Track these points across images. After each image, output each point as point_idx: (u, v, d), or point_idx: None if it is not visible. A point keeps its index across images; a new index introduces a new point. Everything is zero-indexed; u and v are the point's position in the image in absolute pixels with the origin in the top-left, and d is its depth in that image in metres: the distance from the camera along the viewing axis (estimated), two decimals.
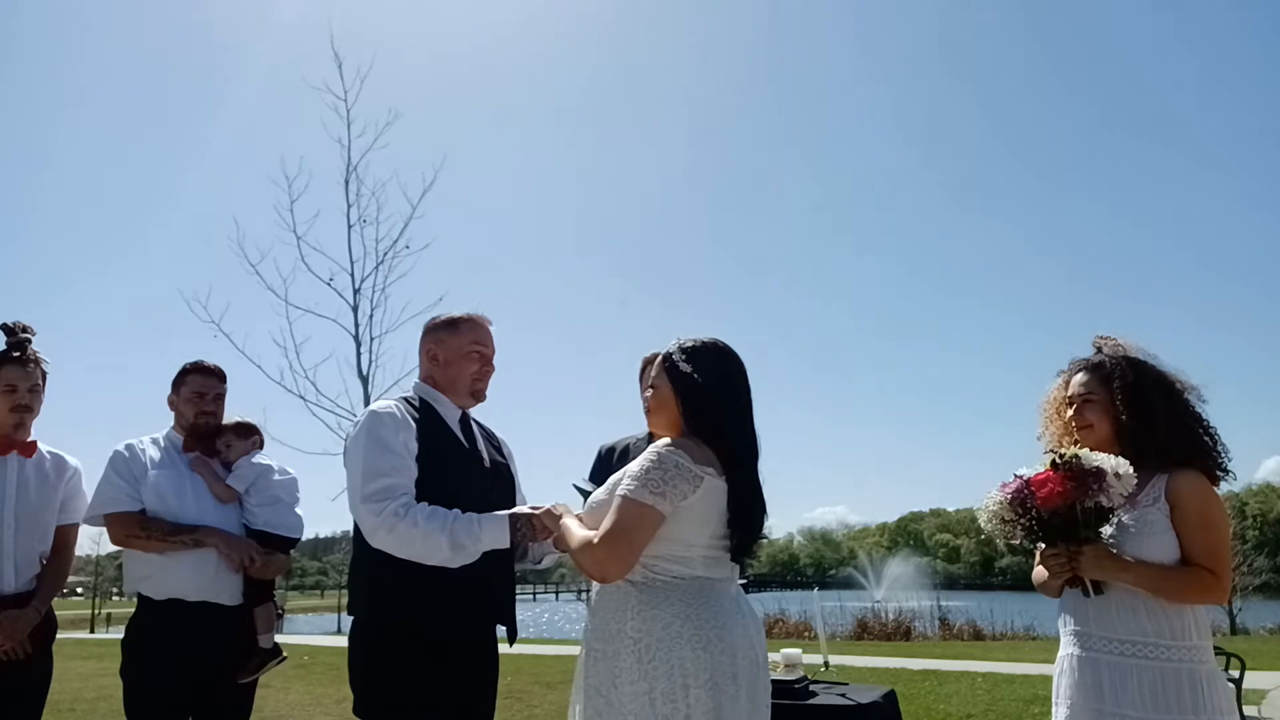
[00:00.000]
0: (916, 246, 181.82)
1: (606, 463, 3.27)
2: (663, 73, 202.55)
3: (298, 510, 3.34)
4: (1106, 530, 2.32)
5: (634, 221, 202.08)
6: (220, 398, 3.32)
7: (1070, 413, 2.51)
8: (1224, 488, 2.41)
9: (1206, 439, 2.40)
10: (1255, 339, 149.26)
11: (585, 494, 2.47)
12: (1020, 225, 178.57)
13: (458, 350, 2.70)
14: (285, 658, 3.29)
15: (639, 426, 3.43)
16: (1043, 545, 2.38)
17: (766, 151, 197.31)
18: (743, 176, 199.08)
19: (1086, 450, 2.31)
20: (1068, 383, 2.55)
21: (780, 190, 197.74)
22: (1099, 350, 2.56)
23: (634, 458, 2.31)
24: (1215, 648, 2.35)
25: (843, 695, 3.40)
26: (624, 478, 2.12)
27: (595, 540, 2.09)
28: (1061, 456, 2.27)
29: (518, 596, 2.82)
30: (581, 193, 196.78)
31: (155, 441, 3.23)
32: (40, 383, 3.13)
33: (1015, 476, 2.33)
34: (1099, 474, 2.22)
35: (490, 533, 2.40)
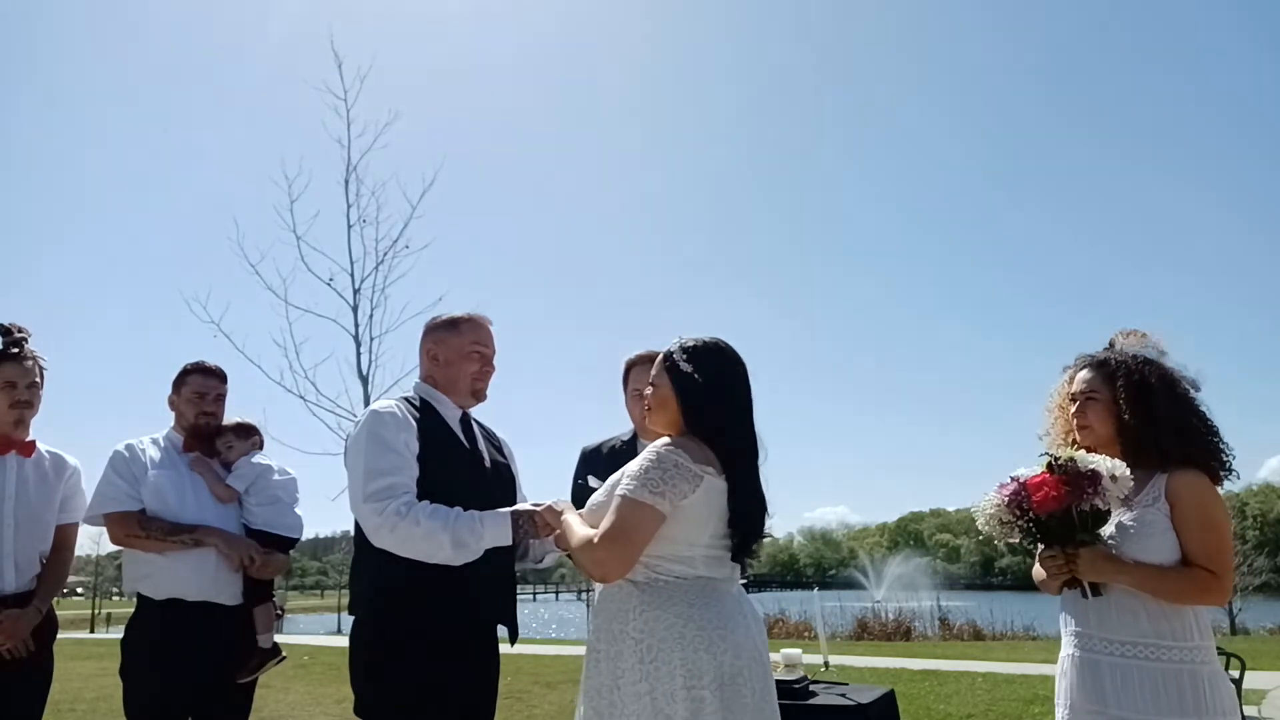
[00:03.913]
0: (916, 246, 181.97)
1: (591, 464, 3.26)
2: (660, 75, 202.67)
3: (297, 510, 3.35)
4: (1106, 530, 2.32)
5: (633, 221, 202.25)
6: (221, 398, 3.32)
7: (1072, 410, 2.51)
8: (1225, 487, 2.41)
9: (1210, 439, 2.38)
10: (1257, 338, 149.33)
11: (590, 490, 2.47)
12: (1020, 226, 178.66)
13: (458, 350, 2.70)
14: (285, 657, 3.29)
15: (624, 426, 3.43)
16: (1041, 546, 2.38)
17: (770, 150, 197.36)
18: (743, 178, 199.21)
19: (1082, 452, 2.30)
20: (1072, 379, 2.55)
21: (779, 189, 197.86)
22: (1110, 346, 2.55)
23: (619, 458, 2.31)
24: (1215, 648, 2.34)
25: (843, 695, 3.40)
26: (623, 477, 2.12)
27: (595, 540, 2.09)
28: (1056, 459, 2.27)
29: (518, 597, 2.82)
30: (580, 193, 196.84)
31: (155, 442, 3.23)
32: (39, 380, 3.13)
33: (1011, 479, 2.33)
34: (1094, 477, 2.21)
35: (492, 530, 2.40)
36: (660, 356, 2.29)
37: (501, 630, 2.70)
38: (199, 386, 3.27)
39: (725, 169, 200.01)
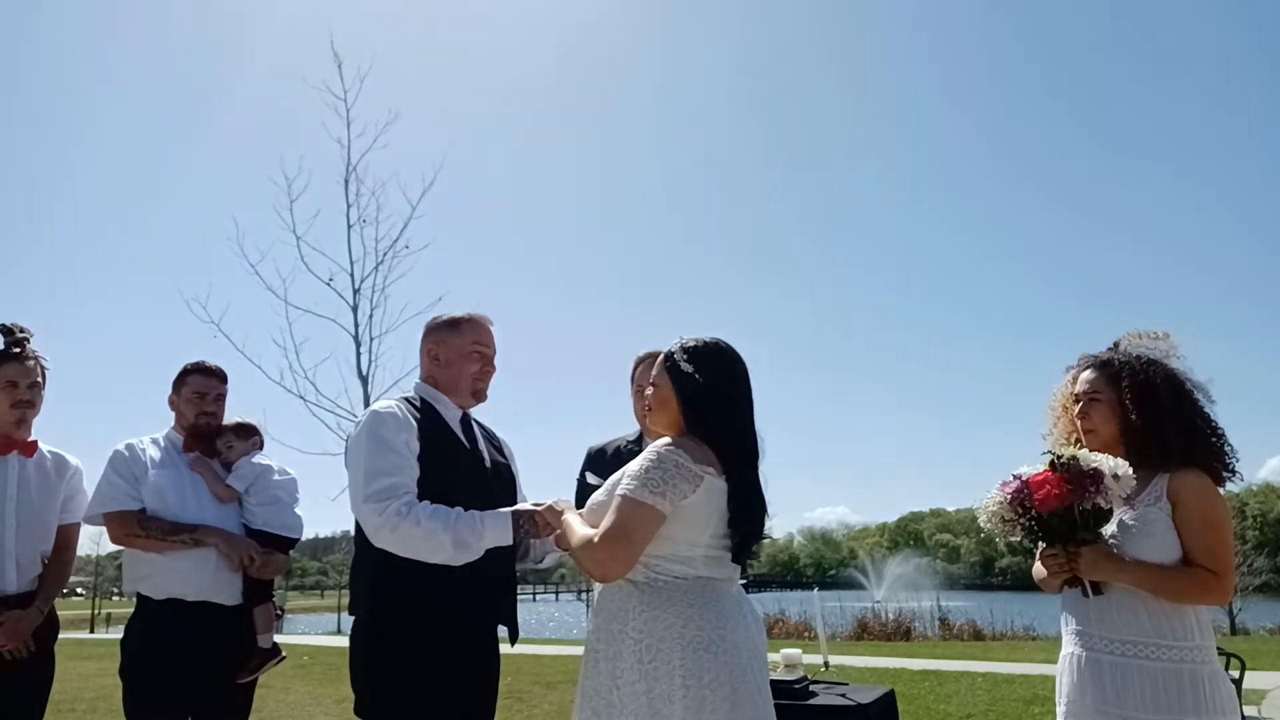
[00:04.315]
0: (917, 246, 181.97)
1: (597, 464, 3.26)
2: (661, 74, 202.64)
3: (297, 510, 3.35)
4: (1108, 529, 2.32)
5: (634, 221, 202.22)
6: (221, 398, 3.32)
7: (1076, 410, 2.51)
8: (1225, 487, 2.41)
9: (1214, 439, 2.38)
10: (1259, 338, 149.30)
11: (595, 489, 2.47)
12: (1022, 223, 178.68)
13: (459, 350, 2.69)
14: (284, 657, 3.29)
15: (631, 427, 3.43)
16: (1043, 544, 2.38)
17: (765, 153, 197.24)
18: (742, 178, 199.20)
19: (1085, 451, 2.30)
20: (1075, 379, 2.55)
21: (780, 190, 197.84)
22: (1115, 346, 2.55)
23: (625, 459, 2.31)
24: (1216, 648, 2.35)
25: (843, 695, 3.40)
26: (624, 477, 2.12)
27: (595, 539, 2.09)
28: (1059, 458, 2.27)
29: (518, 597, 2.82)
30: (581, 192, 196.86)
31: (155, 441, 3.23)
32: (40, 380, 3.12)
33: (1014, 477, 2.33)
34: (1096, 476, 2.22)
35: (493, 530, 2.40)
36: (661, 356, 2.29)
37: (501, 630, 2.70)
38: (199, 386, 3.27)
39: (727, 168, 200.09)
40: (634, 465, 2.12)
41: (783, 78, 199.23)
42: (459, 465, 2.59)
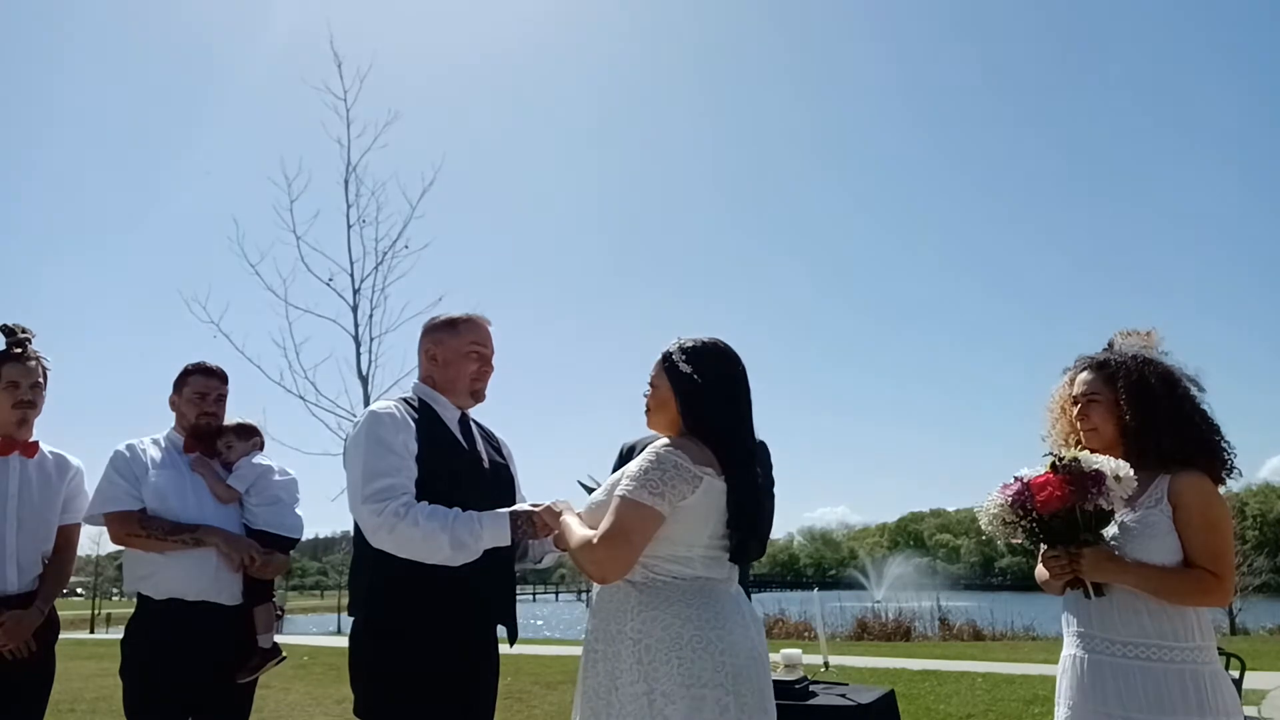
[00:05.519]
0: (920, 245, 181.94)
1: (627, 461, 3.24)
2: (662, 70, 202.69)
3: (298, 511, 3.35)
4: (1109, 531, 2.32)
5: (634, 218, 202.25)
6: (222, 399, 3.32)
7: (1075, 412, 2.51)
8: (1225, 486, 2.41)
9: (1213, 438, 2.38)
10: (1261, 336, 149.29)
11: (591, 491, 2.47)
12: (1023, 222, 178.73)
13: (457, 350, 2.70)
14: (285, 658, 3.29)
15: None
16: (1044, 546, 2.38)
17: (764, 152, 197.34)
18: (739, 179, 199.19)
19: (1086, 453, 2.30)
20: (1073, 380, 2.55)
21: (777, 191, 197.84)
22: (1109, 347, 2.56)
23: None
24: (1217, 648, 2.35)
25: (843, 695, 3.40)
26: (623, 478, 2.12)
27: (594, 540, 2.09)
28: (1060, 459, 2.27)
29: (517, 597, 2.82)
30: (581, 191, 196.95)
31: (156, 442, 3.24)
32: (42, 380, 3.13)
33: (1015, 478, 2.33)
34: (1098, 477, 2.22)
35: (491, 530, 2.40)
36: (659, 357, 2.29)
37: (501, 630, 2.70)
38: (200, 387, 3.27)
39: (727, 166, 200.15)
40: (633, 466, 2.13)
41: (788, 52, 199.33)
42: (457, 466, 2.59)
